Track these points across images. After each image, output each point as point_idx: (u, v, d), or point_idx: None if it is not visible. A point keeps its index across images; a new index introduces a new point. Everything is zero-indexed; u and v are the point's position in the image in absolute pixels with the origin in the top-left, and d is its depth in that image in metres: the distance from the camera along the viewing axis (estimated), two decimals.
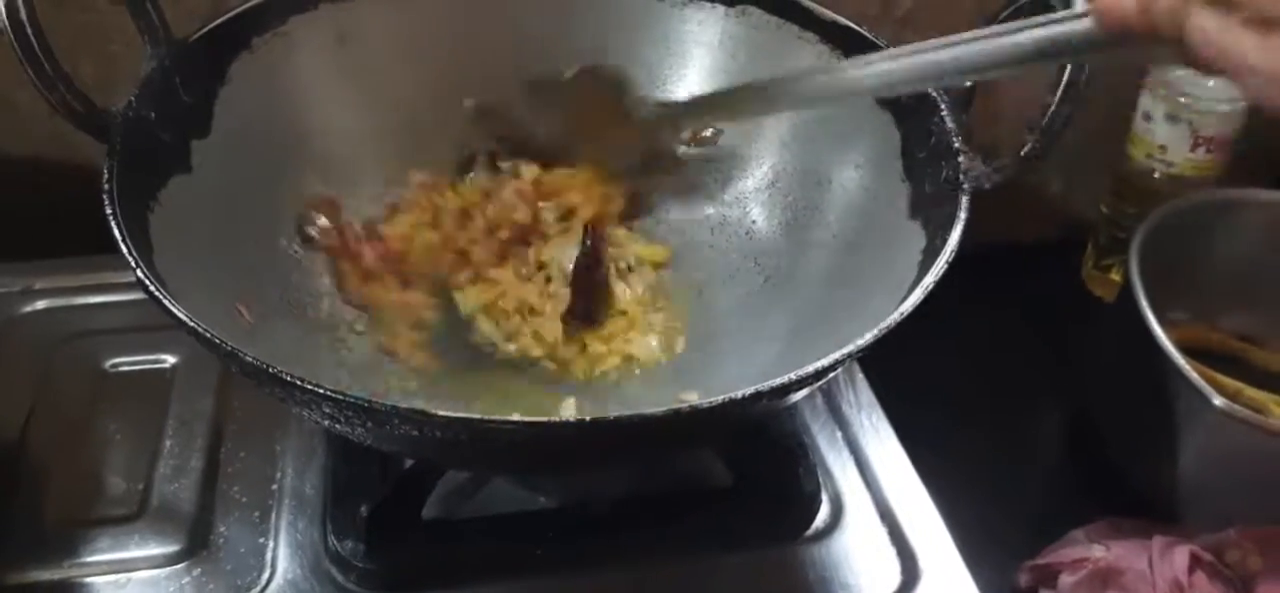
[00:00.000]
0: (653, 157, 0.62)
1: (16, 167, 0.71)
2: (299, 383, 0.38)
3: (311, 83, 0.59)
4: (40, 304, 0.64)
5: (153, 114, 0.50)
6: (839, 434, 0.59)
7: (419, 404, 0.39)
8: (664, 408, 0.39)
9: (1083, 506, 0.61)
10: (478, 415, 0.38)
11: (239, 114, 0.55)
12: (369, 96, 0.61)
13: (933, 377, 0.66)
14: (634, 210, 0.63)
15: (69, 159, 0.71)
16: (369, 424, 0.40)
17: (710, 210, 0.64)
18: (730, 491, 0.56)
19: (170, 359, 0.60)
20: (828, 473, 0.57)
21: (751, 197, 0.63)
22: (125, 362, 0.60)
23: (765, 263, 0.61)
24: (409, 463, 0.53)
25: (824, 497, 0.55)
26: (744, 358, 0.56)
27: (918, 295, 0.44)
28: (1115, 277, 0.78)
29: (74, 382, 0.59)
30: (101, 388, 0.59)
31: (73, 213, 0.67)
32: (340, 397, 0.38)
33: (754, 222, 0.63)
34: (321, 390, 0.38)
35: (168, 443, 0.56)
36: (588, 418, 0.41)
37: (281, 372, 0.38)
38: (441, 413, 0.37)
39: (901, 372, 0.58)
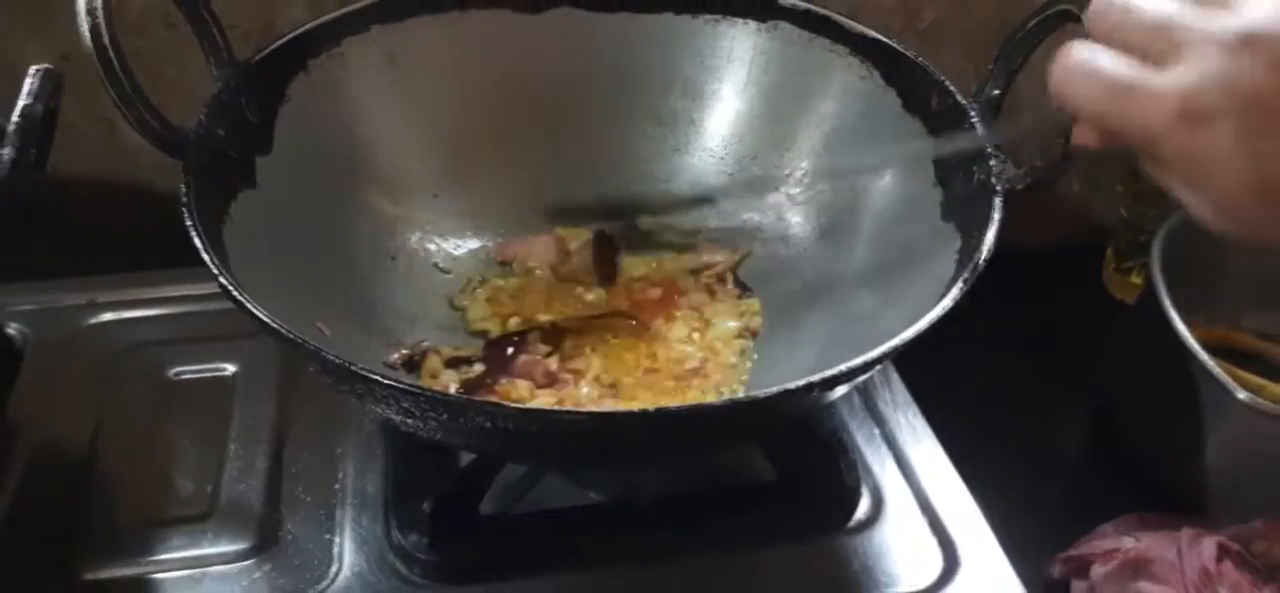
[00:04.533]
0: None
1: (75, 186, 0.74)
2: (378, 379, 0.41)
3: (366, 101, 0.61)
4: (105, 317, 0.66)
5: (222, 132, 0.52)
6: (877, 432, 0.61)
7: None
8: (722, 400, 0.41)
9: (1110, 501, 0.63)
10: (548, 407, 0.40)
11: (299, 131, 0.57)
12: (420, 114, 0.63)
13: (961, 377, 0.68)
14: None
15: (125, 179, 0.74)
16: (444, 417, 0.42)
17: (747, 218, 0.66)
18: (774, 486, 0.58)
19: (231, 368, 0.63)
20: (867, 468, 0.59)
21: (787, 204, 0.65)
22: (188, 371, 0.63)
23: (803, 268, 0.63)
24: (466, 462, 0.55)
25: (864, 490, 0.57)
26: (785, 359, 0.58)
27: (956, 292, 0.46)
28: (1136, 280, 0.80)
29: (140, 390, 0.61)
30: (166, 396, 0.61)
31: (130, 229, 0.70)
32: (419, 391, 0.40)
33: (790, 228, 0.65)
34: (401, 386, 0.40)
35: (232, 446, 0.58)
36: (651, 409, 0.43)
37: (362, 369, 0.41)
38: (513, 405, 0.40)
39: (932, 372, 0.60)
